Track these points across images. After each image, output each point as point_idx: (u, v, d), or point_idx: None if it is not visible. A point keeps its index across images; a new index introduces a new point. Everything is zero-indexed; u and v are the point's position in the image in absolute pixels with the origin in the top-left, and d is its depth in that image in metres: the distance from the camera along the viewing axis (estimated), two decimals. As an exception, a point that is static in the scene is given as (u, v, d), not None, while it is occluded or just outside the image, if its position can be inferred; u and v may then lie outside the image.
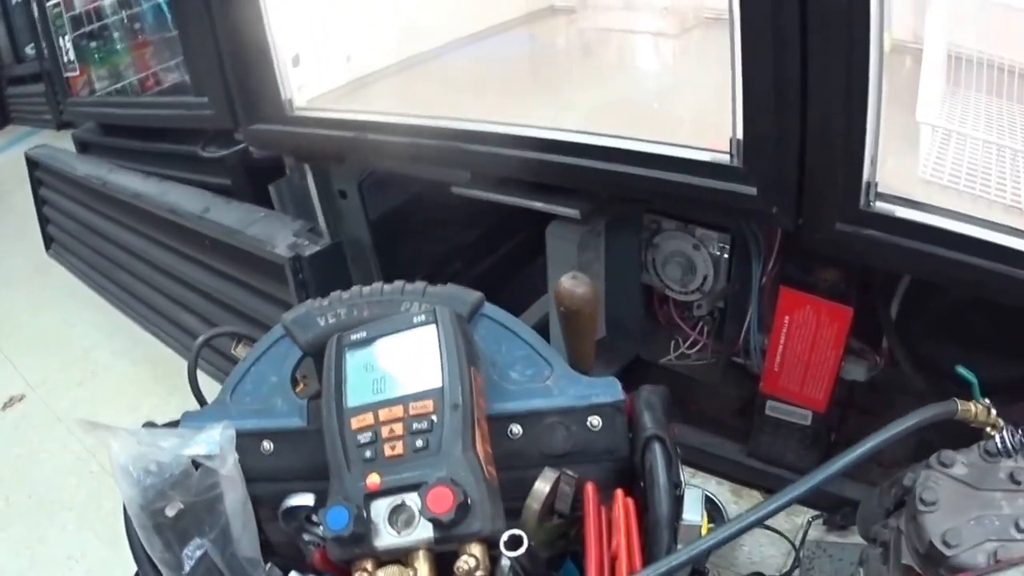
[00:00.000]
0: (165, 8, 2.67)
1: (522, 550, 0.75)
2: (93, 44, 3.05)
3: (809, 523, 1.77)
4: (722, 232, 1.69)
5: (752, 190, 1.35)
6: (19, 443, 2.73)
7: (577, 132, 1.55)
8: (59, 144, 3.72)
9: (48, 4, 3.09)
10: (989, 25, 1.51)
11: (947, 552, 0.81)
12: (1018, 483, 0.85)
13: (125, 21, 2.92)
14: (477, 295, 0.96)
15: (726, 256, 1.70)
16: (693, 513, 0.89)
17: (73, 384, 2.96)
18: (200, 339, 1.13)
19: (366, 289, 0.99)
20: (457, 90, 2.10)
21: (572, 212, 1.64)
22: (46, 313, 3.50)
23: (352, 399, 0.85)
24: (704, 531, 0.92)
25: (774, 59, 1.24)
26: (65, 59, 3.13)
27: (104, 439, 0.89)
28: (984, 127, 1.52)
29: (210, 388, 1.11)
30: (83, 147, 3.32)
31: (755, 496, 1.92)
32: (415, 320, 0.88)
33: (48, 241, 3.76)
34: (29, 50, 5.70)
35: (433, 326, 0.87)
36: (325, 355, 0.90)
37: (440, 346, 0.85)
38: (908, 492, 0.91)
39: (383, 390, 0.85)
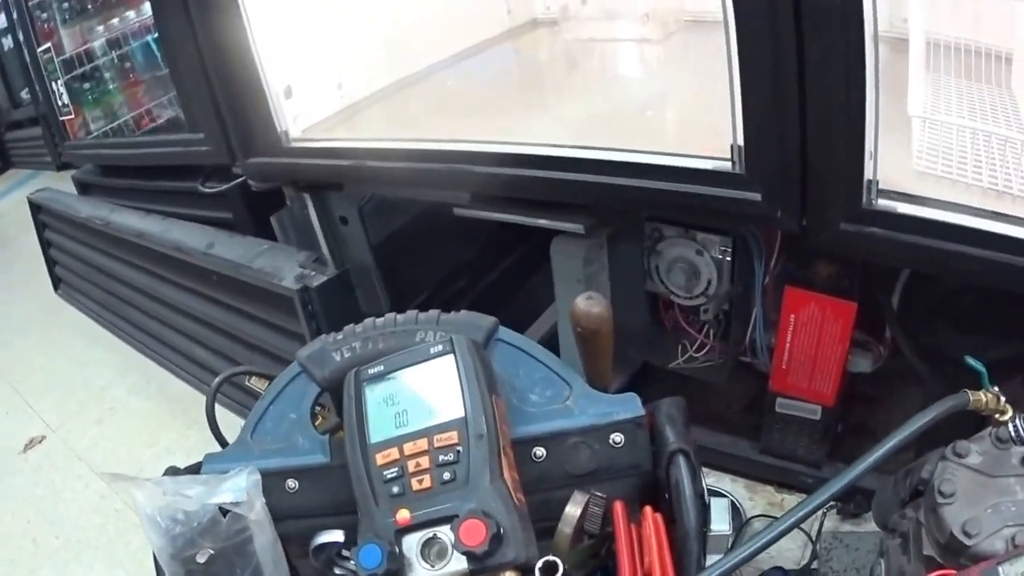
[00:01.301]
0: (154, 46, 2.68)
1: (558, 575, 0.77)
2: (86, 86, 3.06)
3: (824, 513, 1.78)
4: (723, 236, 1.70)
5: (756, 196, 1.34)
6: (42, 484, 2.76)
7: (576, 147, 1.55)
8: (60, 185, 3.74)
9: (39, 51, 3.11)
10: (961, 10, 1.52)
11: (967, 542, 0.82)
12: None
13: (116, 61, 2.93)
14: (491, 320, 0.96)
15: (728, 259, 1.71)
16: (721, 523, 0.90)
17: (91, 423, 2.99)
18: (215, 381, 1.14)
19: (379, 321, 0.99)
20: (448, 110, 2.11)
21: (576, 227, 1.65)
22: (59, 354, 3.53)
23: (375, 435, 0.86)
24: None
25: (771, 63, 1.23)
26: (59, 103, 3.15)
27: (129, 490, 0.90)
28: (968, 113, 1.52)
29: (227, 420, 1.12)
30: (84, 188, 3.33)
31: (769, 491, 1.93)
32: (432, 351, 0.88)
33: (56, 282, 3.78)
34: (24, 95, 5.67)
35: (451, 355, 0.87)
36: (344, 391, 0.90)
37: (459, 375, 0.85)
38: (925, 483, 0.92)
39: (406, 423, 0.85)
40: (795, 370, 1.72)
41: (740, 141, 1.32)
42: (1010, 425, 0.91)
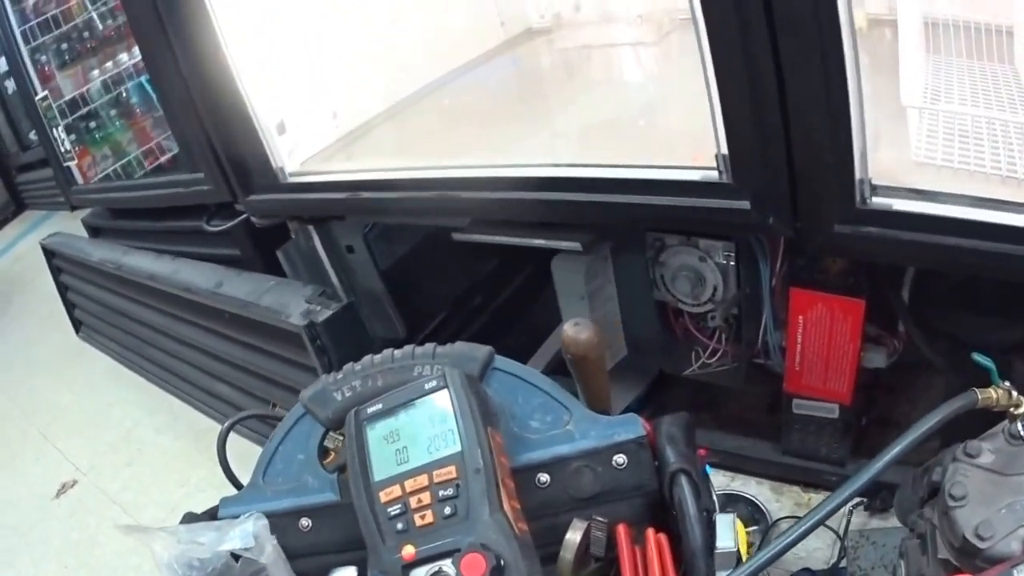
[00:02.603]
0: (147, 87, 2.74)
1: None
2: (92, 125, 3.13)
3: (851, 511, 1.77)
4: (726, 241, 1.69)
5: (746, 204, 1.34)
6: (77, 528, 2.78)
7: (568, 166, 1.56)
8: (75, 225, 3.78)
9: (37, 99, 3.16)
10: None
11: (981, 545, 0.81)
12: None
13: (116, 100, 3.00)
14: (487, 350, 0.96)
15: (733, 264, 1.69)
16: (727, 540, 0.90)
17: (121, 465, 3.01)
18: (223, 428, 1.14)
19: (377, 358, 0.99)
20: (445, 133, 2.13)
21: (573, 245, 1.67)
22: (85, 395, 3.56)
23: (378, 473, 0.86)
24: (743, 542, 0.93)
25: (746, 68, 1.23)
26: (62, 149, 3.20)
27: (145, 541, 0.91)
28: (970, 94, 1.50)
29: (253, 453, 1.14)
30: (94, 232, 3.38)
31: (795, 492, 1.92)
32: (427, 387, 0.89)
33: (77, 325, 3.82)
34: (33, 136, 5.69)
35: (445, 391, 0.88)
36: (346, 432, 0.91)
37: (454, 410, 0.86)
38: (938, 485, 0.90)
39: (407, 460, 0.86)
40: (808, 371, 1.71)
41: (725, 150, 1.32)
42: (1019, 423, 0.89)
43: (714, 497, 0.93)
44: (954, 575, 0.84)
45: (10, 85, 5.36)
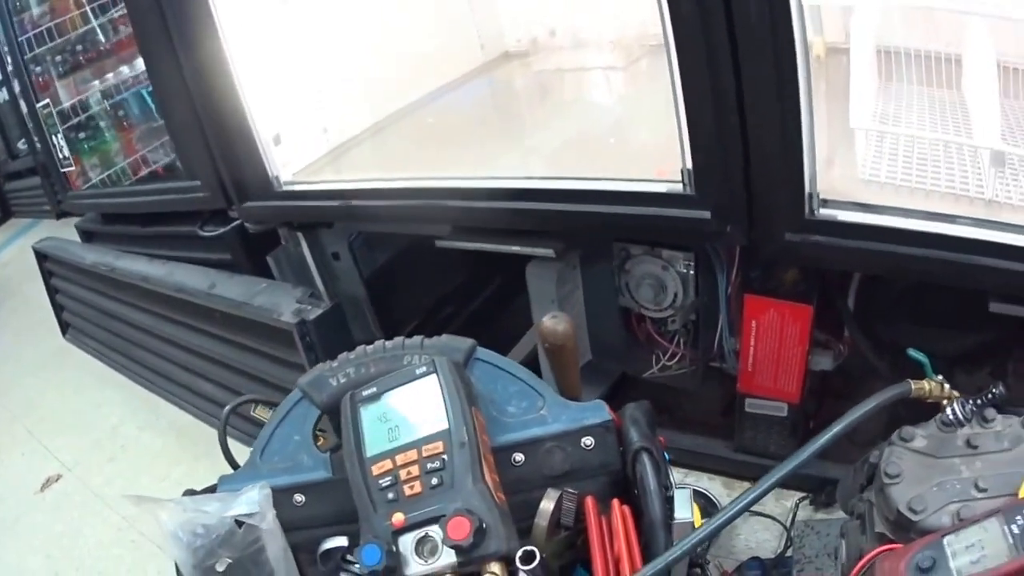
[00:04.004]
0: (147, 97, 2.81)
1: (535, 563, 0.86)
2: (81, 135, 3.17)
3: (797, 505, 1.88)
4: (686, 251, 1.81)
5: (706, 214, 1.47)
6: (61, 521, 2.81)
7: (543, 179, 1.69)
8: (60, 233, 3.82)
9: (38, 106, 3.20)
10: (912, 19, 1.64)
11: (914, 518, 0.88)
12: (975, 448, 0.93)
13: (109, 111, 3.06)
14: (470, 342, 1.07)
15: (692, 272, 1.82)
16: (684, 511, 0.99)
17: (105, 461, 3.05)
18: (226, 409, 1.24)
19: (370, 348, 1.10)
20: (428, 147, 2.25)
21: (547, 252, 1.78)
22: (70, 395, 3.58)
23: (371, 449, 0.96)
24: (697, 517, 1.04)
25: (712, 90, 1.36)
26: (60, 155, 3.24)
27: (152, 510, 1.00)
28: (917, 118, 1.64)
29: (234, 449, 1.22)
30: (87, 236, 3.43)
31: (746, 487, 1.97)
32: (417, 372, 0.99)
33: (64, 327, 3.86)
34: (21, 145, 5.76)
35: (434, 376, 0.98)
36: (341, 412, 1.01)
37: (442, 392, 0.96)
38: (876, 468, 0.98)
39: (397, 437, 0.96)
40: (760, 371, 1.83)
41: (689, 165, 1.46)
42: (948, 409, 0.98)
43: (672, 477, 1.04)
44: (888, 545, 0.89)
45: (2, 94, 5.33)
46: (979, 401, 0.98)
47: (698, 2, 1.28)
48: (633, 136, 1.97)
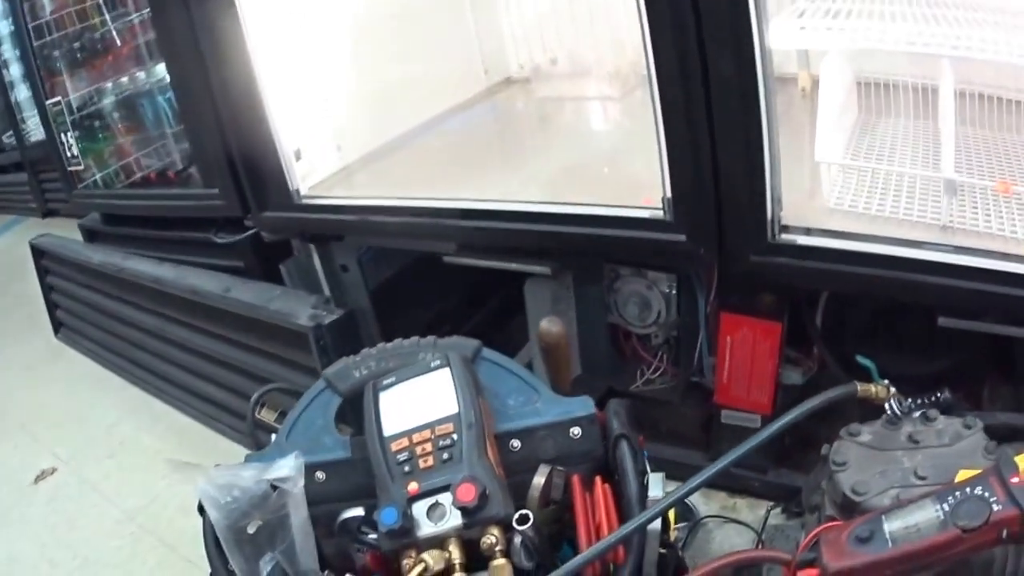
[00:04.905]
0: (164, 104, 2.89)
1: (529, 524, 0.98)
2: (92, 134, 3.24)
3: (768, 512, 1.98)
4: (669, 273, 1.97)
5: (682, 237, 1.65)
6: (56, 513, 2.78)
7: (541, 203, 1.85)
8: (45, 230, 3.80)
9: (48, 103, 3.29)
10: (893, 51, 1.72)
11: (857, 499, 0.93)
12: (916, 443, 0.98)
13: (116, 113, 3.14)
14: (476, 343, 1.22)
15: (674, 292, 1.98)
16: (656, 490, 1.12)
17: (103, 456, 3.02)
18: (255, 394, 1.37)
19: (389, 345, 1.24)
20: (434, 168, 2.37)
21: (543, 270, 1.95)
22: (64, 394, 3.54)
23: (389, 429, 1.08)
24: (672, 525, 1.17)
25: (688, 129, 1.54)
26: (69, 154, 3.30)
27: (191, 475, 1.11)
28: (890, 150, 1.77)
29: (233, 451, 1.29)
30: (91, 236, 3.46)
31: (722, 496, 2.11)
32: (432, 364, 1.13)
33: (57, 326, 3.84)
34: (7, 138, 5.61)
35: (447, 368, 1.12)
36: (364, 398, 1.13)
37: (454, 382, 1.09)
38: (827, 459, 1.05)
39: (414, 420, 1.08)
40: (735, 384, 1.95)
41: (669, 193, 1.63)
42: (886, 405, 1.07)
43: (647, 466, 1.16)
44: (833, 523, 0.92)
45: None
46: (919, 400, 1.07)
47: (678, 58, 1.47)
48: (625, 165, 2.08)
